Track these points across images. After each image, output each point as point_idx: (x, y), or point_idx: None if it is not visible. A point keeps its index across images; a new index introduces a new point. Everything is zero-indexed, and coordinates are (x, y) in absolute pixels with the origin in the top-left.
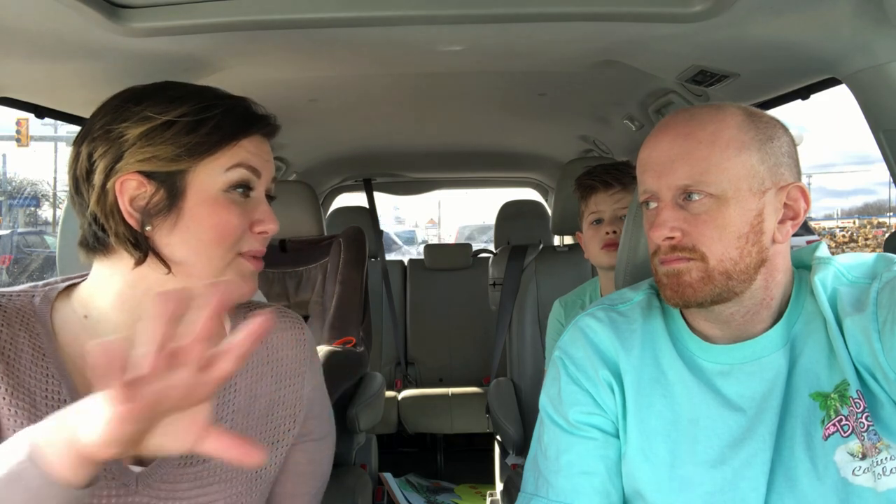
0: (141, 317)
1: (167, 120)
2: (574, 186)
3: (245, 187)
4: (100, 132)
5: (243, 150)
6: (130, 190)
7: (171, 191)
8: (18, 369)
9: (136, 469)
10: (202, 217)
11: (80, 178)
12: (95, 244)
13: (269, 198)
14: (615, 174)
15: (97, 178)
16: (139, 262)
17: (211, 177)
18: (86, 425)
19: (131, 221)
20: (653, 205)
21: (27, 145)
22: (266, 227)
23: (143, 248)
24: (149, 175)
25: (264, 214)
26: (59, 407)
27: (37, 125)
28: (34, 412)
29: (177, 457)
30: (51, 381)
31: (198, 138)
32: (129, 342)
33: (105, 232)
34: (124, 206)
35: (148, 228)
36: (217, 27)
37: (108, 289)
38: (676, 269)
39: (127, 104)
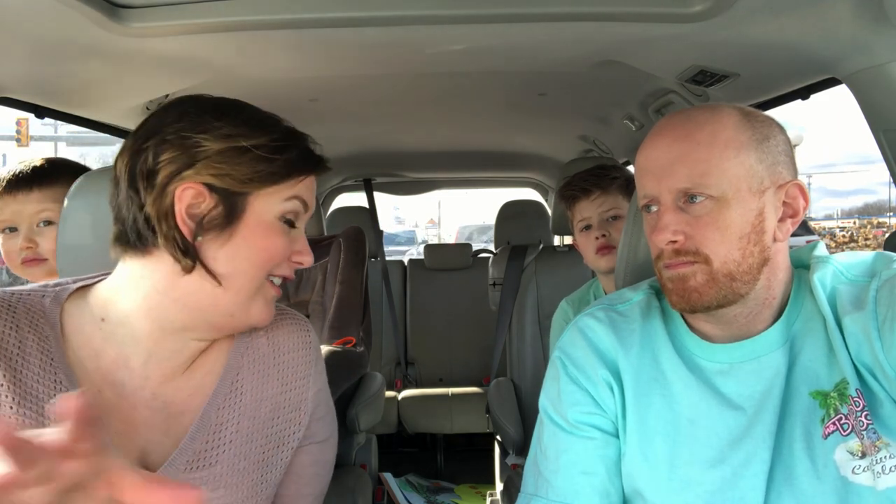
0: (164, 327)
1: (250, 144)
2: (558, 197)
3: (293, 218)
4: (174, 136)
5: (303, 185)
6: (188, 198)
7: (231, 209)
8: (26, 376)
9: None
10: (254, 239)
11: (140, 175)
12: (136, 241)
13: None
14: (592, 180)
15: (160, 178)
16: (187, 271)
17: (270, 203)
18: None
19: (184, 229)
20: (653, 208)
21: (27, 145)
22: (303, 258)
23: (191, 256)
24: (212, 188)
25: (303, 247)
26: None
27: (37, 125)
28: (42, 422)
29: (183, 462)
30: (59, 388)
31: (272, 168)
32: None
33: (153, 232)
34: (180, 212)
35: (199, 239)
36: (217, 27)
37: (134, 291)
38: (681, 273)
39: (205, 115)
